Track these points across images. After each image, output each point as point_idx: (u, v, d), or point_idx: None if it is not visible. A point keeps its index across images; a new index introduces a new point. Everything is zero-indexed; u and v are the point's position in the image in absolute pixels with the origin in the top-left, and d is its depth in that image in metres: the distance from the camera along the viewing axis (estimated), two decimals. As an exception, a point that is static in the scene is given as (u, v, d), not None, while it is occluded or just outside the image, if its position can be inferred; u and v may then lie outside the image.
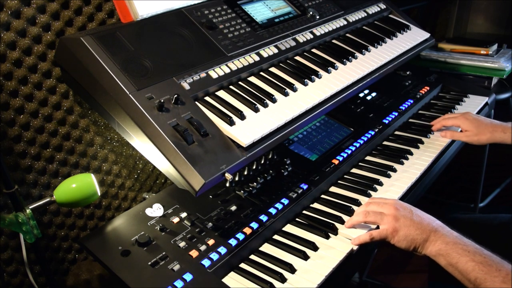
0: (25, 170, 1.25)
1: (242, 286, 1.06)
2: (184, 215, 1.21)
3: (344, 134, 1.63)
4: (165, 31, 1.28)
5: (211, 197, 1.28)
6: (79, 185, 1.13)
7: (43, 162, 1.28)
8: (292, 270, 1.09)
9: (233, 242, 1.13)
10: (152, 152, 1.09)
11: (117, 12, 1.27)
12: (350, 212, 1.28)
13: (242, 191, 1.30)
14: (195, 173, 1.03)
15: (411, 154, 1.57)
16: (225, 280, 1.07)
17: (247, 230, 1.17)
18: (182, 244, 1.12)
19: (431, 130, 1.71)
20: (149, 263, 1.06)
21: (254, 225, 1.19)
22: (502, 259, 1.01)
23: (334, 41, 1.68)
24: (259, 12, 1.52)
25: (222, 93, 1.27)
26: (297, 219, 1.28)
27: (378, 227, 1.16)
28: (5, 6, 1.13)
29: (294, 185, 1.34)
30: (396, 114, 1.77)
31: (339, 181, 1.44)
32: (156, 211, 1.22)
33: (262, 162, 1.40)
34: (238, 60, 1.34)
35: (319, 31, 1.63)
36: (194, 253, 1.09)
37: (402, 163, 1.52)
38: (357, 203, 1.32)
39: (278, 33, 1.50)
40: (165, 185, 1.63)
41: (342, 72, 1.50)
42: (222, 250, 1.11)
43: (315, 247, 1.16)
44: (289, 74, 1.41)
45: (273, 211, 1.24)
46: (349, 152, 1.52)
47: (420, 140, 1.65)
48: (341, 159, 1.48)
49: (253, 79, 1.36)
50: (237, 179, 1.33)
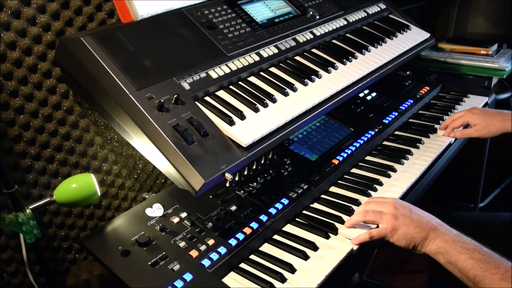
0: (25, 170, 1.25)
1: (242, 286, 1.06)
2: (184, 215, 1.21)
3: (344, 134, 1.63)
4: (165, 31, 1.28)
5: (211, 197, 1.28)
6: (79, 185, 1.13)
7: (43, 162, 1.28)
8: (292, 270, 1.09)
9: (233, 242, 1.13)
10: (152, 152, 1.09)
11: (117, 12, 1.27)
12: (350, 212, 1.28)
13: (242, 191, 1.30)
14: (195, 173, 1.03)
15: (411, 154, 1.57)
16: (225, 280, 1.08)
17: (247, 230, 1.17)
18: (182, 244, 1.12)
19: (432, 130, 1.71)
20: (149, 263, 1.06)
21: (254, 225, 1.19)
22: (501, 256, 1.01)
23: (334, 41, 1.68)
24: (259, 12, 1.52)
25: (222, 93, 1.27)
26: (297, 219, 1.28)
27: (378, 226, 1.16)
28: (5, 6, 1.13)
29: (294, 185, 1.34)
30: (396, 114, 1.77)
31: (339, 181, 1.44)
32: (156, 211, 1.22)
33: (262, 162, 1.40)
34: (238, 60, 1.34)
35: (319, 31, 1.63)
36: (194, 253, 1.09)
37: (402, 163, 1.52)
38: (357, 203, 1.32)
39: (278, 33, 1.50)
40: (165, 185, 1.63)
41: (342, 72, 1.50)
42: (222, 250, 1.11)
43: (315, 247, 1.16)
44: (289, 74, 1.41)
45: (273, 211, 1.24)
46: (349, 152, 1.52)
47: (420, 140, 1.65)
48: (341, 159, 1.48)
49: (253, 79, 1.36)
50: (237, 179, 1.33)
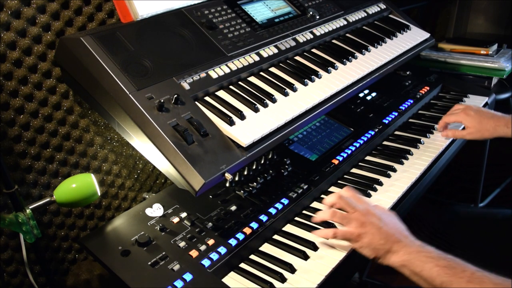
0: (25, 170, 1.25)
1: (242, 286, 1.06)
2: (184, 215, 1.21)
3: (344, 134, 1.63)
4: (165, 31, 1.28)
5: (211, 197, 1.28)
6: (79, 185, 1.13)
7: (43, 162, 1.28)
8: (292, 270, 1.09)
9: (233, 242, 1.13)
10: (152, 152, 1.09)
11: (117, 12, 1.27)
12: (350, 212, 1.28)
13: (242, 191, 1.30)
14: (195, 173, 1.03)
15: (411, 154, 1.57)
16: (225, 280, 1.08)
17: (247, 230, 1.17)
18: (182, 244, 1.12)
19: (431, 130, 1.71)
20: (149, 263, 1.06)
21: (254, 225, 1.19)
22: (466, 262, 1.00)
23: (334, 41, 1.68)
24: (259, 12, 1.52)
25: (222, 93, 1.27)
26: (297, 219, 1.28)
27: None
28: (5, 6, 1.13)
29: (294, 185, 1.34)
30: (396, 114, 1.77)
31: (339, 181, 1.44)
32: (156, 211, 1.22)
33: (262, 162, 1.40)
34: (238, 60, 1.34)
35: (319, 31, 1.63)
36: (194, 253, 1.09)
37: (402, 163, 1.52)
38: (357, 203, 1.32)
39: (278, 33, 1.50)
40: (165, 185, 1.63)
41: (342, 72, 1.50)
42: (222, 250, 1.11)
43: (315, 247, 1.16)
44: (289, 74, 1.41)
45: (273, 211, 1.24)
46: (349, 152, 1.52)
47: (420, 140, 1.65)
48: (341, 159, 1.48)
49: (253, 79, 1.36)
50: (237, 179, 1.33)
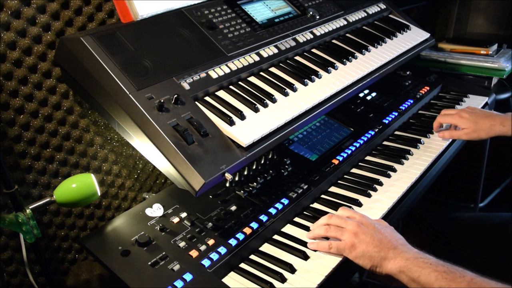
0: (25, 170, 1.25)
1: (242, 286, 1.06)
2: (184, 215, 1.21)
3: (344, 134, 1.63)
4: (165, 31, 1.28)
5: (211, 197, 1.28)
6: (79, 185, 1.13)
7: (43, 162, 1.28)
8: (292, 270, 1.09)
9: (233, 242, 1.13)
10: (152, 152, 1.09)
11: (117, 12, 1.27)
12: (350, 212, 1.28)
13: (242, 191, 1.30)
14: (195, 173, 1.03)
15: (411, 154, 1.57)
16: (225, 280, 1.08)
17: (247, 230, 1.17)
18: (182, 244, 1.12)
19: (431, 130, 1.71)
20: (149, 263, 1.06)
21: (254, 225, 1.19)
22: (464, 269, 0.99)
23: (334, 41, 1.68)
24: (259, 12, 1.52)
25: (222, 93, 1.27)
26: (297, 219, 1.28)
27: None
28: (5, 6, 1.13)
29: (294, 185, 1.34)
30: (396, 114, 1.77)
31: (339, 181, 1.44)
32: (156, 211, 1.22)
33: (262, 162, 1.40)
34: (238, 60, 1.34)
35: (319, 31, 1.63)
36: (194, 253, 1.09)
37: (402, 163, 1.52)
38: (357, 203, 1.32)
39: (278, 33, 1.50)
40: (165, 185, 1.63)
41: (342, 72, 1.50)
42: (222, 250, 1.11)
43: (315, 247, 1.16)
44: (289, 74, 1.41)
45: (273, 211, 1.24)
46: (349, 152, 1.52)
47: (420, 140, 1.65)
48: (341, 159, 1.48)
49: (253, 79, 1.36)
50: (237, 179, 1.33)
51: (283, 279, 1.06)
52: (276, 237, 1.21)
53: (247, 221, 1.20)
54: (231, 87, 1.31)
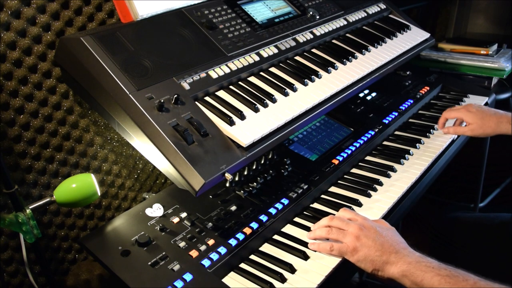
0: (25, 170, 1.25)
1: (242, 286, 1.06)
2: (184, 215, 1.21)
3: (344, 134, 1.63)
4: (165, 31, 1.28)
5: (211, 197, 1.28)
6: (79, 185, 1.13)
7: (43, 162, 1.28)
8: (292, 270, 1.09)
9: (233, 242, 1.13)
10: (152, 152, 1.09)
11: (117, 12, 1.27)
12: (350, 212, 1.28)
13: (242, 191, 1.30)
14: (195, 173, 1.03)
15: (411, 154, 1.57)
16: (225, 280, 1.07)
17: (247, 230, 1.17)
18: (182, 244, 1.12)
19: (431, 130, 1.71)
20: (149, 263, 1.06)
21: (254, 225, 1.19)
22: (468, 272, 0.98)
23: (334, 41, 1.68)
24: (259, 12, 1.52)
25: (222, 93, 1.27)
26: (297, 219, 1.28)
27: None
28: (5, 6, 1.13)
29: (294, 185, 1.34)
30: (396, 114, 1.77)
31: (339, 181, 1.44)
32: (156, 211, 1.22)
33: (262, 162, 1.40)
34: (238, 60, 1.34)
35: (319, 31, 1.63)
36: (194, 253, 1.09)
37: (402, 163, 1.52)
38: (357, 203, 1.32)
39: (278, 33, 1.50)
40: (165, 185, 1.63)
41: (342, 72, 1.50)
42: (222, 250, 1.11)
43: (315, 247, 1.16)
44: (289, 74, 1.41)
45: (273, 211, 1.24)
46: (349, 152, 1.52)
47: (420, 140, 1.65)
48: (341, 159, 1.48)
49: (253, 79, 1.36)
50: (237, 179, 1.33)
51: (283, 279, 1.06)
52: (276, 237, 1.21)
53: (247, 221, 1.20)
54: (231, 87, 1.31)
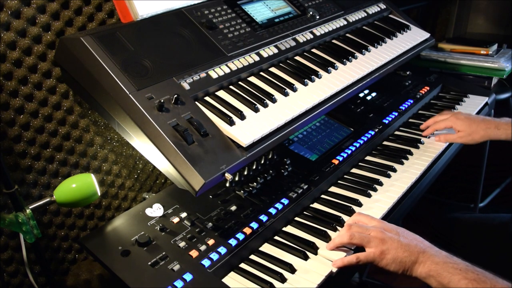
0: (25, 170, 1.25)
1: (242, 286, 1.06)
2: (184, 215, 1.21)
3: (344, 134, 1.63)
4: (165, 31, 1.28)
5: (211, 197, 1.28)
6: (79, 185, 1.13)
7: (43, 162, 1.28)
8: (292, 270, 1.09)
9: (233, 242, 1.13)
10: (152, 152, 1.09)
11: (117, 12, 1.27)
12: (350, 212, 1.28)
13: (242, 191, 1.30)
14: (195, 173, 1.03)
15: (411, 154, 1.57)
16: (225, 280, 1.08)
17: (247, 230, 1.17)
18: (182, 244, 1.12)
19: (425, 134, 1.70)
20: (149, 263, 1.06)
21: (254, 225, 1.19)
22: (495, 275, 0.98)
23: (334, 41, 1.68)
24: (259, 12, 1.52)
25: (222, 93, 1.27)
26: (297, 219, 1.28)
27: (358, 250, 1.11)
28: (5, 6, 1.13)
29: (294, 185, 1.34)
30: (396, 114, 1.77)
31: (339, 181, 1.44)
32: (156, 211, 1.22)
33: (262, 162, 1.40)
34: (238, 60, 1.34)
35: (319, 31, 1.63)
36: (194, 253, 1.09)
37: (402, 163, 1.52)
38: (357, 203, 1.32)
39: (278, 33, 1.50)
40: (165, 185, 1.63)
41: (342, 72, 1.50)
42: (222, 250, 1.11)
43: (315, 247, 1.16)
44: (289, 74, 1.41)
45: (273, 211, 1.24)
46: (349, 152, 1.52)
47: (420, 140, 1.65)
48: (341, 159, 1.48)
49: (253, 79, 1.36)
50: (237, 179, 1.33)
51: (283, 279, 1.06)
52: (276, 237, 1.21)
53: (247, 221, 1.20)
54: (231, 87, 1.31)
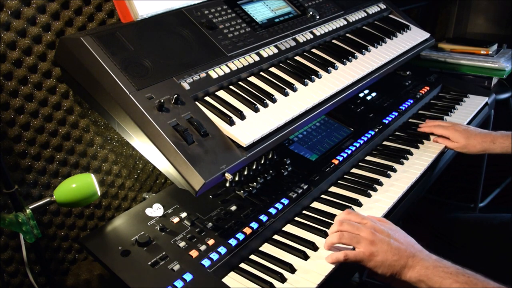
0: (25, 170, 1.25)
1: (242, 286, 1.06)
2: (184, 215, 1.21)
3: (344, 134, 1.63)
4: (165, 31, 1.28)
5: (211, 197, 1.28)
6: (79, 185, 1.13)
7: (43, 162, 1.28)
8: (292, 270, 1.09)
9: (233, 242, 1.13)
10: (152, 152, 1.09)
11: (117, 12, 1.27)
12: (350, 212, 1.28)
13: (242, 191, 1.30)
14: (195, 173, 1.03)
15: (411, 154, 1.57)
16: (225, 280, 1.07)
17: (247, 230, 1.17)
18: (182, 244, 1.12)
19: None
20: (149, 263, 1.06)
21: (254, 225, 1.19)
22: (486, 277, 0.97)
23: (334, 41, 1.68)
24: (259, 12, 1.52)
25: (222, 93, 1.27)
26: (297, 219, 1.28)
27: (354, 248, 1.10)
28: (5, 6, 1.13)
29: (294, 185, 1.34)
30: (396, 114, 1.77)
31: (339, 181, 1.44)
32: (156, 211, 1.22)
33: (262, 162, 1.40)
34: (238, 60, 1.34)
35: (319, 31, 1.62)
36: (194, 253, 1.09)
37: (402, 163, 1.52)
38: (357, 203, 1.32)
39: (278, 33, 1.50)
40: (165, 185, 1.63)
41: (342, 72, 1.50)
42: (222, 250, 1.11)
43: (315, 247, 1.16)
44: (289, 74, 1.41)
45: (273, 211, 1.24)
46: (349, 152, 1.52)
47: (420, 140, 1.65)
48: (341, 159, 1.48)
49: (253, 79, 1.36)
50: (237, 179, 1.33)
51: (283, 279, 1.06)
52: (276, 237, 1.21)
53: (247, 221, 1.20)
54: (231, 87, 1.30)
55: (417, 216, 2.42)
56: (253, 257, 1.15)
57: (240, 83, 1.33)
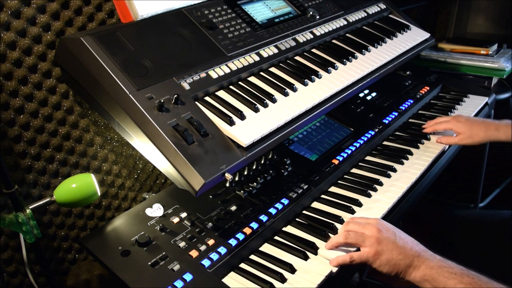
0: (25, 170, 1.25)
1: (242, 286, 1.06)
2: (184, 215, 1.21)
3: (344, 134, 1.63)
4: (165, 31, 1.28)
5: (211, 197, 1.28)
6: (79, 185, 1.13)
7: (43, 162, 1.28)
8: (292, 270, 1.09)
9: (233, 242, 1.13)
10: (152, 152, 1.09)
11: (117, 12, 1.27)
12: (350, 212, 1.28)
13: (242, 191, 1.30)
14: (195, 173, 1.03)
15: (411, 154, 1.57)
16: (225, 280, 1.07)
17: (247, 230, 1.17)
18: (182, 244, 1.12)
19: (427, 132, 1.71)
20: (149, 263, 1.06)
21: (254, 225, 1.19)
22: (490, 279, 0.97)
23: (334, 41, 1.68)
24: (259, 12, 1.52)
25: (222, 93, 1.27)
26: (297, 219, 1.28)
27: (359, 249, 1.10)
28: (5, 6, 1.13)
29: (294, 185, 1.34)
30: (396, 114, 1.77)
31: (339, 181, 1.44)
32: (156, 211, 1.22)
33: (262, 162, 1.40)
34: (238, 60, 1.34)
35: (319, 31, 1.63)
36: (194, 253, 1.09)
37: (402, 163, 1.52)
38: (357, 203, 1.32)
39: (278, 33, 1.50)
40: (165, 185, 1.63)
41: (342, 72, 1.50)
42: (222, 250, 1.11)
43: (315, 247, 1.16)
44: (289, 74, 1.41)
45: (273, 211, 1.24)
46: (349, 152, 1.52)
47: (420, 140, 1.65)
48: (341, 159, 1.48)
49: (253, 79, 1.36)
50: (237, 179, 1.33)
51: (283, 279, 1.06)
52: (276, 237, 1.21)
53: (247, 221, 1.20)
54: (231, 87, 1.30)
55: (417, 216, 2.43)
56: (253, 257, 1.15)
57: (240, 83, 1.33)
